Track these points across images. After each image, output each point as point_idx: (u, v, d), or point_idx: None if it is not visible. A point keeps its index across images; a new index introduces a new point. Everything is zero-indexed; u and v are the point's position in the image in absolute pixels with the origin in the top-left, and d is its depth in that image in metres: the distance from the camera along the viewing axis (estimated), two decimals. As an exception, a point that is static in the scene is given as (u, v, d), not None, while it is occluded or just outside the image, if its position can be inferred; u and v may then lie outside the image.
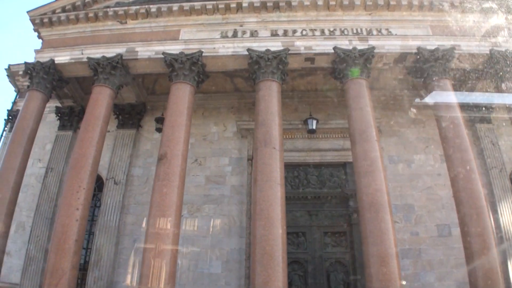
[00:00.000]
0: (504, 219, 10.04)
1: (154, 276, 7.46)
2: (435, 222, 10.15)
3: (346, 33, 9.93)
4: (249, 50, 9.45)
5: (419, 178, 10.49)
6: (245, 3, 9.93)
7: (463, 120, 9.20)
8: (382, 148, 9.50)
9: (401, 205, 10.00)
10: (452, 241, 9.96)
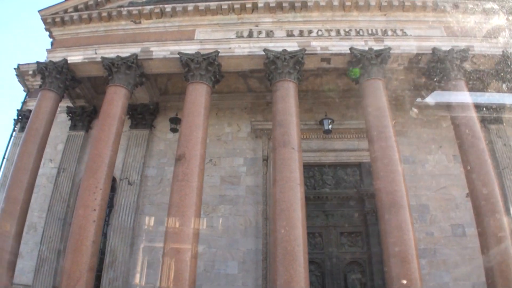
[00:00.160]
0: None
1: (175, 276, 7.42)
2: (449, 222, 10.18)
3: (361, 33, 9.96)
4: (265, 50, 9.44)
5: (433, 178, 10.52)
6: (260, 3, 9.92)
7: (478, 120, 9.26)
8: (397, 148, 9.53)
9: (416, 205, 10.02)
10: (467, 241, 10.00)
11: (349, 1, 9.95)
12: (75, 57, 10.39)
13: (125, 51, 10.05)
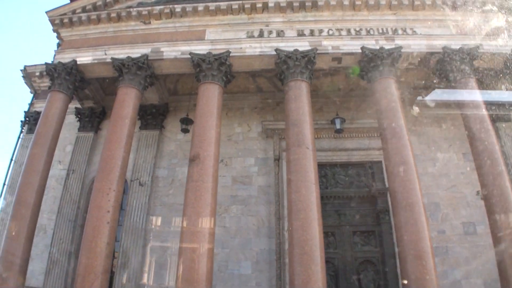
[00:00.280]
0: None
1: (191, 276, 7.40)
2: (460, 220, 10.21)
3: (372, 33, 9.97)
4: (277, 50, 9.43)
5: (443, 176, 10.55)
6: (271, 3, 9.91)
7: (488, 118, 9.31)
8: (408, 147, 9.54)
9: (428, 204, 10.02)
10: (478, 239, 10.04)
11: (360, 0, 9.96)
12: (84, 58, 10.34)
13: (135, 51, 10.02)
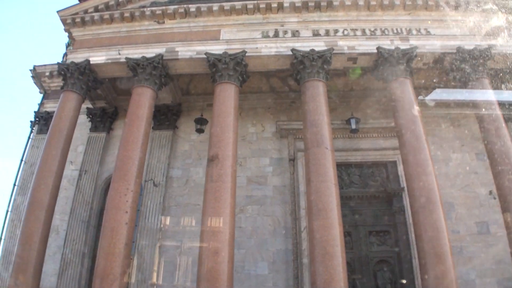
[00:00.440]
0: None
1: (212, 277, 7.38)
2: (474, 220, 10.27)
3: (386, 33, 9.99)
4: (293, 50, 9.42)
5: (457, 176, 10.60)
6: (286, 3, 9.90)
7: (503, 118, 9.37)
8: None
9: (442, 203, 10.06)
10: (491, 239, 10.10)
11: (374, 0, 9.98)
12: (97, 57, 10.28)
13: (149, 51, 9.96)
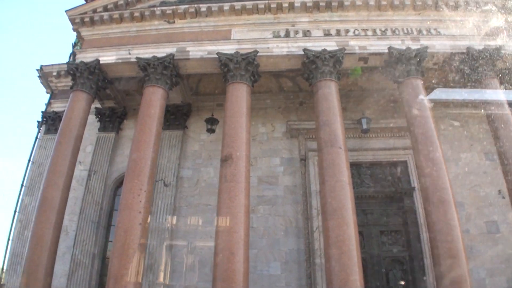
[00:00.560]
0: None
1: (228, 277, 7.36)
2: (483, 219, 10.31)
3: (397, 33, 10.01)
4: (305, 50, 9.42)
5: (466, 176, 10.64)
6: (297, 3, 9.90)
7: (512, 118, 9.43)
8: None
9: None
10: (501, 238, 10.15)
11: (385, 0, 10.00)
12: (107, 57, 10.24)
13: (160, 51, 9.94)
